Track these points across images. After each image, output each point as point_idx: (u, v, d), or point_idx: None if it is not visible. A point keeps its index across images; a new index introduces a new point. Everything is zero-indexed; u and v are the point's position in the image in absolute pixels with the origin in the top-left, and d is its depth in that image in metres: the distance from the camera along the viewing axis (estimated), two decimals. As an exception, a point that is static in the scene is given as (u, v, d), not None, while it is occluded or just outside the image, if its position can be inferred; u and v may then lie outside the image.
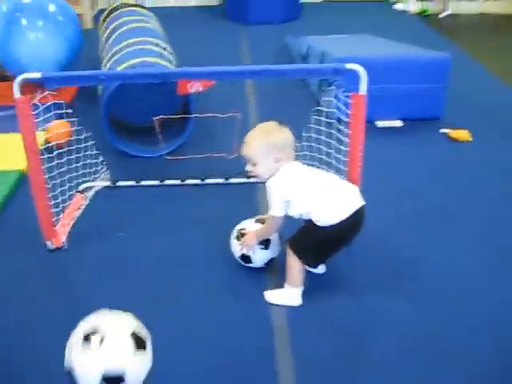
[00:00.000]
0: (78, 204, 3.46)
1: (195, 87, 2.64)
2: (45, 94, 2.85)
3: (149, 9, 5.97)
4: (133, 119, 4.36)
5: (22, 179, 3.76)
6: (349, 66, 2.62)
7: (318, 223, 2.49)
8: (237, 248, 2.81)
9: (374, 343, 2.46)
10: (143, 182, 3.71)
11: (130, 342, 1.91)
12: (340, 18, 8.16)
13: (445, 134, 4.39)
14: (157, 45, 4.42)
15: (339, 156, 3.04)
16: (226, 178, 3.70)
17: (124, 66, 3.84)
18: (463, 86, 5.17)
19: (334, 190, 2.55)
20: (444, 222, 3.31)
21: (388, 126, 4.53)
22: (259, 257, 2.78)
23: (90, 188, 3.63)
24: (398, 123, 4.55)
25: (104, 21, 5.59)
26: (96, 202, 3.54)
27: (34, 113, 2.75)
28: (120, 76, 2.75)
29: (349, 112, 2.79)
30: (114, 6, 5.75)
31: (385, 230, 3.18)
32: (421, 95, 4.49)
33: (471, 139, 4.31)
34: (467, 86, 5.29)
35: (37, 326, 2.58)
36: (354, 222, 2.51)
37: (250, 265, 2.83)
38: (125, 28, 4.84)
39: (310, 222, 2.53)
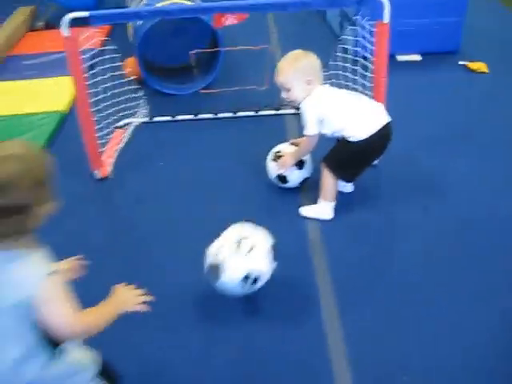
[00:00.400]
0: (119, 138, 3.71)
1: (230, 20, 2.85)
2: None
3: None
4: (164, 61, 4.57)
5: (63, 119, 4.03)
6: (372, -5, 2.81)
7: (350, 139, 2.72)
8: (273, 169, 3.05)
9: (397, 247, 2.73)
10: (178, 117, 3.95)
11: (271, 253, 2.31)
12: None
13: (463, 65, 4.55)
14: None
15: (365, 82, 3.24)
16: (257, 111, 3.91)
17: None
18: (480, 21, 5.30)
19: (363, 107, 2.78)
20: (461, 142, 3.56)
21: (408, 60, 4.69)
22: (294, 177, 3.02)
23: (129, 124, 3.87)
24: (417, 57, 4.72)
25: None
26: (136, 137, 3.79)
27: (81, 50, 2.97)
28: (160, 12, 2.96)
29: (372, 48, 3.00)
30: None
31: (405, 149, 3.41)
32: (439, 29, 4.63)
33: (487, 71, 4.47)
34: (484, 21, 5.42)
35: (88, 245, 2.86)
36: (383, 136, 2.75)
37: (286, 185, 3.07)
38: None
39: (342, 140, 2.77)
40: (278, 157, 3.03)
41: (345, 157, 2.79)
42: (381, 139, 2.76)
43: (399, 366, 2.15)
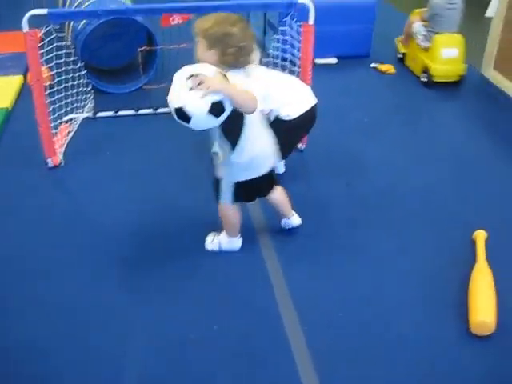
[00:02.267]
0: (66, 131, 3.99)
1: (176, 20, 3.23)
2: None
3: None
4: (103, 62, 4.87)
5: (8, 115, 4.27)
6: (299, 0, 3.26)
7: (284, 118, 3.14)
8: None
9: (323, 214, 3.19)
10: (121, 112, 4.27)
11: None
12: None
13: (374, 67, 5.12)
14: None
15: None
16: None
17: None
18: (386, 29, 5.92)
19: (296, 87, 3.22)
20: (374, 130, 4.14)
21: (325, 63, 5.22)
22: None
23: (76, 118, 4.15)
24: (334, 60, 5.26)
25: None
26: (82, 130, 4.08)
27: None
28: (115, 11, 3.29)
29: (298, 52, 3.45)
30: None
31: (327, 136, 3.92)
32: (352, 35, 5.20)
33: (395, 71, 5.06)
34: (390, 29, 6.04)
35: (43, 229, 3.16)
36: (311, 115, 3.20)
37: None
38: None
39: (275, 120, 3.15)
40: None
41: (278, 135, 3.19)
42: (309, 118, 3.21)
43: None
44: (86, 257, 2.90)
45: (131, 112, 4.29)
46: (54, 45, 3.53)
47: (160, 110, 4.27)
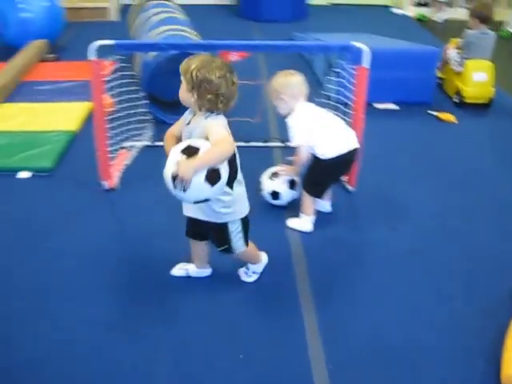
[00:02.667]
0: (124, 156, 4.15)
1: (234, 57, 3.36)
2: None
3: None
4: (166, 95, 5.05)
5: (74, 138, 4.49)
6: (355, 43, 3.33)
7: (320, 156, 3.21)
8: (269, 186, 3.51)
9: (366, 258, 3.20)
10: (178, 143, 4.40)
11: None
12: (343, 19, 8.89)
13: (433, 115, 5.12)
14: (190, 34, 5.13)
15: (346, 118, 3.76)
16: (247, 141, 4.38)
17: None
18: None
19: (338, 128, 3.28)
20: (425, 175, 4.14)
21: (385, 108, 5.25)
22: (286, 195, 3.50)
23: (134, 145, 4.32)
24: (393, 106, 5.29)
25: (135, 12, 6.29)
26: (140, 157, 4.24)
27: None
28: (177, 45, 3.45)
29: (351, 94, 3.52)
30: (145, -1, 6.44)
31: (379, 179, 3.92)
32: (413, 82, 5.22)
33: (456, 121, 5.04)
34: None
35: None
36: (348, 159, 3.27)
37: (277, 201, 3.54)
38: (160, 17, 5.54)
39: (313, 159, 3.25)
40: (274, 174, 3.53)
41: (312, 174, 3.27)
42: (346, 161, 3.28)
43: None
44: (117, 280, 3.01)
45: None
46: (118, 74, 3.71)
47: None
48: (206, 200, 2.44)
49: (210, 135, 2.38)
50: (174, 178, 2.32)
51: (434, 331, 2.69)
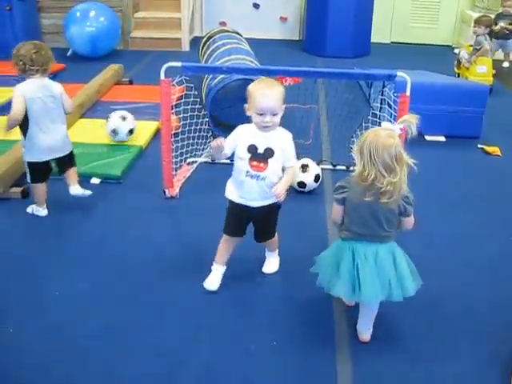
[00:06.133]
0: (186, 170, 4.57)
1: (288, 81, 3.73)
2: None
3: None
4: (229, 119, 5.46)
5: (142, 152, 4.95)
6: (398, 73, 3.65)
7: None
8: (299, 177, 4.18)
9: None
10: (235, 161, 4.79)
11: None
12: (404, 57, 9.17)
13: (481, 148, 5.35)
14: (251, 61, 5.56)
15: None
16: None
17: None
18: (501, 114, 6.21)
19: None
20: (467, 205, 4.31)
21: (434, 140, 5.52)
22: (310, 186, 4.25)
23: (196, 161, 4.74)
24: (442, 138, 5.55)
25: (205, 43, 6.78)
26: (200, 172, 4.65)
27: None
28: (237, 69, 3.86)
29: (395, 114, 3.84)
30: (215, 30, 6.93)
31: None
32: (462, 117, 5.47)
33: (501, 154, 5.26)
34: (504, 114, 6.32)
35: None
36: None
37: (305, 189, 4.24)
38: (226, 47, 6.00)
39: None
40: (304, 166, 4.20)
41: None
42: None
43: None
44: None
45: (244, 161, 4.81)
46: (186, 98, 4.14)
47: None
48: None
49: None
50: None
51: None
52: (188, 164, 4.69)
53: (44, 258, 3.49)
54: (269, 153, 2.93)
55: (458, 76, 7.33)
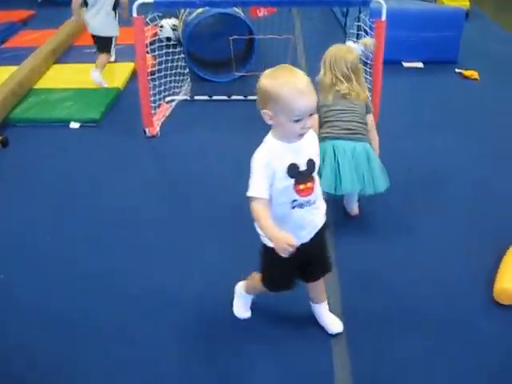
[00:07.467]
0: (165, 108, 4.55)
1: (262, 12, 3.69)
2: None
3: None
4: (207, 55, 5.43)
5: (119, 94, 4.91)
6: (374, -1, 3.64)
7: None
8: None
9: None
10: (214, 97, 4.79)
11: None
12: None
13: (458, 73, 5.36)
14: None
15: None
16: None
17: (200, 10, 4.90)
18: (477, 36, 6.21)
19: None
20: (447, 125, 4.37)
21: (412, 66, 5.52)
22: None
23: (174, 99, 4.72)
24: (420, 64, 5.55)
25: None
26: (179, 109, 4.63)
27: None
28: (210, 2, 3.79)
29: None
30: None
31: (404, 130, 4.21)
32: (439, 41, 5.46)
33: (479, 78, 5.28)
34: (480, 36, 6.30)
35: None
36: None
37: None
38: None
39: None
40: None
41: None
42: None
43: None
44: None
45: (224, 97, 4.80)
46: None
47: (250, 97, 4.72)
48: None
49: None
50: None
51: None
52: (167, 103, 4.67)
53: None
54: (311, 165, 2.13)
55: (435, 1, 7.22)
